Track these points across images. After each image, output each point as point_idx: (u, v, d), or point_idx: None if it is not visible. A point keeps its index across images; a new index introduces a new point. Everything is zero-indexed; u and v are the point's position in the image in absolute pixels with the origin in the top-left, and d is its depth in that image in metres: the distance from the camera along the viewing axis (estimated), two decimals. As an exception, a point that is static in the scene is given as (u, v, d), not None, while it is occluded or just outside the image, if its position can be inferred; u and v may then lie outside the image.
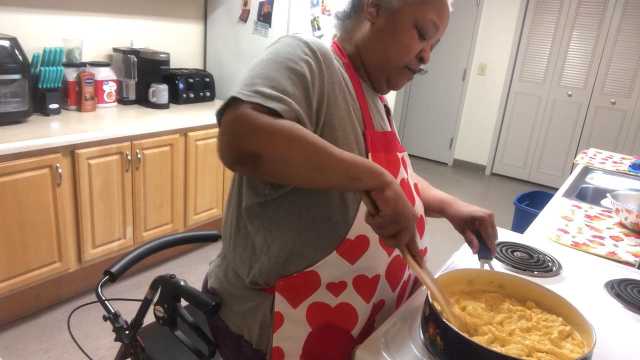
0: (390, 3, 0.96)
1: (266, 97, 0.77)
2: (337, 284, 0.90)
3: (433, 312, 0.81)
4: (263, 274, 0.92)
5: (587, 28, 4.78)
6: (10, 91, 2.09)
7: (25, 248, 2.08)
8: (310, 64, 0.85)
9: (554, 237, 1.52)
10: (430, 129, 5.82)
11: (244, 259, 0.95)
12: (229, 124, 0.76)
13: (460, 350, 0.76)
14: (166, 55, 2.78)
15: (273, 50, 0.87)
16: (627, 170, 2.53)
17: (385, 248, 0.93)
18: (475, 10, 5.23)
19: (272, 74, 0.81)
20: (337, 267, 0.89)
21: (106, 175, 2.30)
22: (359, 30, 1.01)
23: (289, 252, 0.90)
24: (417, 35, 0.96)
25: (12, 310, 2.22)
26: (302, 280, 0.90)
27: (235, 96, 0.77)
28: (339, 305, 0.91)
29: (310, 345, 0.91)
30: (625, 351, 0.92)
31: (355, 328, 0.93)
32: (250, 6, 3.09)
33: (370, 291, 0.93)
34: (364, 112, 0.97)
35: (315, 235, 0.89)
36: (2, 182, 1.92)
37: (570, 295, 0.95)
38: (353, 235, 0.89)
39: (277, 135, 0.74)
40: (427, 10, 0.95)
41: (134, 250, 1.24)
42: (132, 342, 1.17)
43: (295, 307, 0.90)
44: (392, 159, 1.01)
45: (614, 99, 4.79)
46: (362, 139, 0.94)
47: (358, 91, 0.98)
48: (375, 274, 0.93)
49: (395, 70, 0.99)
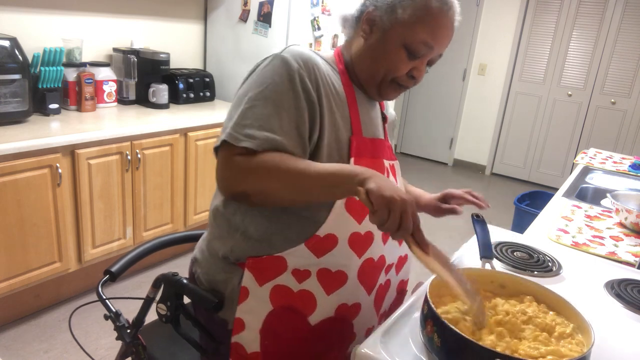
0: (383, 22, 0.98)
1: (253, 138, 0.87)
2: (302, 271, 0.97)
3: (431, 309, 0.81)
4: (234, 252, 1.00)
5: (587, 28, 4.78)
6: (10, 91, 2.09)
7: (25, 248, 2.08)
8: (298, 92, 0.91)
9: (554, 237, 1.52)
10: (430, 129, 5.82)
11: (222, 235, 1.02)
12: (221, 169, 0.91)
13: (456, 347, 0.77)
14: (166, 55, 2.78)
15: (259, 82, 0.92)
16: (627, 170, 2.53)
17: (355, 250, 0.98)
18: (475, 10, 5.23)
19: (260, 113, 0.89)
20: (304, 257, 0.96)
21: (106, 175, 2.30)
22: (355, 42, 1.04)
23: (262, 237, 0.97)
24: (405, 55, 0.97)
25: (12, 310, 2.22)
26: (270, 263, 0.96)
27: (226, 139, 0.89)
28: (300, 292, 0.97)
29: (269, 323, 0.98)
30: (625, 351, 0.92)
31: (313, 315, 0.99)
32: (250, 6, 3.09)
33: (333, 285, 0.98)
34: (353, 118, 1.00)
35: (286, 226, 0.96)
36: (2, 182, 1.92)
37: (570, 295, 0.95)
38: (323, 232, 0.95)
39: (257, 174, 0.88)
40: (419, 31, 0.95)
41: (134, 250, 1.25)
42: (134, 341, 1.17)
43: (261, 285, 0.97)
44: (378, 165, 1.04)
45: (614, 99, 4.79)
46: (347, 144, 0.98)
47: (350, 97, 1.02)
48: (339, 270, 0.98)
49: (384, 84, 1.02)
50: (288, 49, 0.95)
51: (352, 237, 0.97)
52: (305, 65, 0.93)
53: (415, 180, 5.02)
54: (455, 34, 1.01)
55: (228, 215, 1.01)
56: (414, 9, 0.95)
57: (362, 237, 0.99)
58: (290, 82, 0.91)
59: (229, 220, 1.01)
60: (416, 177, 5.13)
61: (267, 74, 0.92)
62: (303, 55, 0.94)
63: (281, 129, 0.89)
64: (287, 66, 0.91)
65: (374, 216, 0.80)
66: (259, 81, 0.93)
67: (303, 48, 0.98)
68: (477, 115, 5.52)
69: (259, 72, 0.94)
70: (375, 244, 1.02)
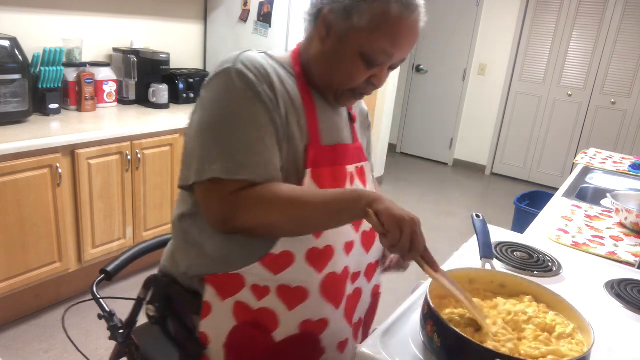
0: (339, 27, 0.90)
1: (249, 169, 0.84)
2: (262, 287, 0.92)
3: (431, 309, 0.81)
4: (192, 268, 0.96)
5: (587, 28, 4.78)
6: (10, 91, 2.09)
7: (25, 248, 2.08)
8: (266, 104, 0.86)
9: (554, 237, 1.52)
10: (430, 129, 5.82)
11: (182, 248, 0.99)
12: (216, 205, 0.85)
13: (456, 347, 0.77)
14: (166, 55, 2.78)
15: (224, 103, 0.86)
16: (627, 170, 2.53)
17: (314, 265, 0.92)
18: (475, 10, 5.23)
19: (244, 139, 0.84)
20: (260, 275, 0.91)
21: (106, 175, 2.30)
22: (313, 44, 0.96)
23: (218, 255, 0.93)
24: (362, 65, 0.90)
25: (12, 310, 2.22)
26: (228, 279, 0.92)
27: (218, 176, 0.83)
28: (260, 309, 0.94)
29: (233, 338, 0.95)
30: (625, 351, 0.92)
31: (277, 331, 0.95)
32: (250, 6, 3.09)
33: (294, 301, 0.94)
34: (311, 126, 0.94)
35: (242, 244, 0.91)
36: (2, 182, 1.92)
37: (570, 295, 0.95)
38: (278, 250, 0.90)
39: (260, 209, 0.83)
40: (378, 39, 0.87)
41: (131, 249, 1.24)
42: (127, 341, 1.17)
43: (224, 300, 0.93)
44: (338, 173, 0.98)
45: (614, 99, 4.79)
46: (303, 154, 0.92)
47: (307, 103, 0.95)
48: (299, 286, 0.93)
49: (340, 92, 0.96)
50: (239, 58, 0.89)
51: (309, 252, 0.92)
52: (260, 74, 0.88)
53: (416, 180, 5.02)
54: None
55: (186, 228, 0.98)
56: (371, 15, 0.86)
57: (321, 251, 0.93)
58: (256, 96, 0.86)
59: (186, 234, 0.98)
60: (416, 177, 5.13)
61: (229, 92, 0.86)
62: (255, 63, 0.88)
63: (269, 151, 0.85)
64: (245, 79, 0.86)
65: (385, 238, 0.79)
66: (223, 102, 0.86)
67: (254, 54, 0.92)
68: (477, 115, 5.52)
69: (218, 91, 0.88)
70: (337, 257, 0.96)
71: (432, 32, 5.47)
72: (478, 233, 1.21)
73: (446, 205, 4.44)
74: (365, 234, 1.02)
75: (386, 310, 1.13)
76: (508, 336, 0.82)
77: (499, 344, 0.80)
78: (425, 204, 4.41)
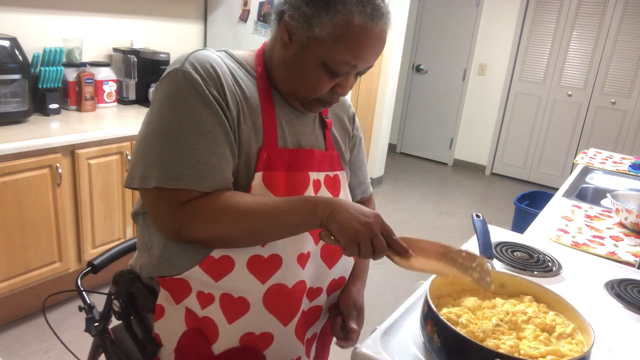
0: (300, 35, 0.85)
1: (198, 179, 0.80)
2: (206, 295, 0.90)
3: (431, 309, 0.81)
4: (143, 269, 0.96)
5: (587, 28, 4.78)
6: (10, 91, 2.09)
7: (25, 248, 2.08)
8: (214, 107, 0.82)
9: (554, 237, 1.52)
10: (430, 129, 5.82)
11: (139, 246, 0.99)
12: (164, 215, 0.82)
13: (456, 347, 0.77)
14: (166, 55, 2.78)
15: (171, 106, 0.82)
16: (627, 170, 2.53)
17: (256, 275, 0.88)
18: (475, 10, 5.23)
19: (192, 146, 0.81)
20: (202, 280, 0.88)
21: (106, 175, 2.30)
22: (277, 47, 0.91)
23: (162, 256, 0.91)
24: (325, 75, 0.86)
25: (12, 310, 2.22)
26: (175, 283, 0.90)
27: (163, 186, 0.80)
28: (203, 318, 0.91)
29: (182, 343, 0.93)
30: (625, 351, 0.92)
31: (217, 344, 0.91)
32: (250, 6, 3.09)
33: (235, 312, 0.90)
34: (267, 127, 0.90)
35: (181, 246, 0.88)
36: (2, 182, 1.92)
37: (570, 295, 0.95)
38: (218, 254, 0.86)
39: (206, 222, 0.81)
40: (340, 50, 0.82)
41: (119, 245, 1.24)
42: (102, 335, 1.16)
43: (177, 304, 0.92)
44: (297, 179, 0.93)
45: (614, 99, 4.79)
46: (254, 157, 0.88)
47: (265, 104, 0.91)
48: (240, 296, 0.89)
49: (305, 100, 0.92)
50: (188, 59, 0.84)
51: (251, 260, 0.87)
52: (208, 75, 0.83)
53: (415, 180, 5.02)
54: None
55: (141, 226, 0.96)
56: (333, 27, 0.81)
57: (265, 260, 0.88)
58: (202, 99, 0.81)
59: (142, 233, 0.96)
60: (416, 177, 5.13)
61: (173, 95, 0.82)
62: (204, 63, 0.84)
63: (216, 157, 0.82)
64: (192, 81, 0.81)
65: (346, 252, 0.79)
66: (167, 107, 0.82)
67: (207, 52, 0.87)
68: (477, 115, 5.52)
69: (164, 94, 0.83)
70: (287, 269, 0.90)
71: (432, 32, 5.48)
72: (478, 233, 1.22)
73: (446, 205, 4.44)
74: (327, 247, 0.97)
75: (386, 310, 1.13)
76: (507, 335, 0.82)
77: (499, 341, 0.80)
78: (425, 204, 4.41)
